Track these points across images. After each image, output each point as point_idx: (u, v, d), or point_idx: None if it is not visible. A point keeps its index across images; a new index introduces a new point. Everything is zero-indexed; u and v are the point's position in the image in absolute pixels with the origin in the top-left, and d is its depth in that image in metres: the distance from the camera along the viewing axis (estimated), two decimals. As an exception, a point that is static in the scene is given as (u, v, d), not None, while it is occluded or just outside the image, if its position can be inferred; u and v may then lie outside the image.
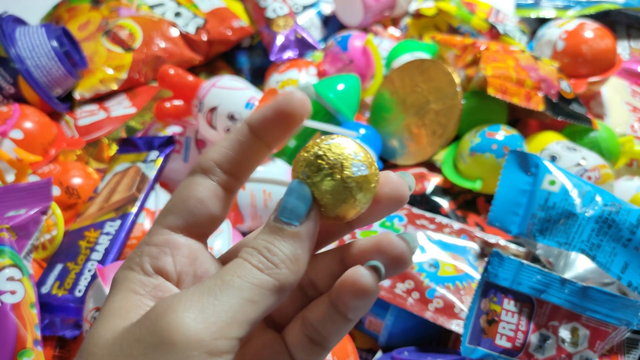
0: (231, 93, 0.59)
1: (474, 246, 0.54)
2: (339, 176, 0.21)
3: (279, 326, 0.24)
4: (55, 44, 0.68)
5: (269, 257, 0.20)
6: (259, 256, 0.20)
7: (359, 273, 0.21)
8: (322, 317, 0.22)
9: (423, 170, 0.64)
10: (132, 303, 0.21)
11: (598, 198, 0.45)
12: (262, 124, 0.23)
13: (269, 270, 0.20)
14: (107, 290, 0.41)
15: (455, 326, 0.47)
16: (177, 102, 0.64)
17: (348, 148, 0.22)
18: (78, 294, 0.49)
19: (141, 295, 0.21)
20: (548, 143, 0.60)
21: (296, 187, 0.21)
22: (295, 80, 0.72)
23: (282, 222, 0.21)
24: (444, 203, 0.60)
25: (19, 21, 0.71)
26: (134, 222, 0.54)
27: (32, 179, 0.60)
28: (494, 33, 0.79)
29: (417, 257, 0.51)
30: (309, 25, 0.87)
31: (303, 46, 0.79)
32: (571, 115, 0.61)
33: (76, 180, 0.60)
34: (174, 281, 0.22)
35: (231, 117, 0.58)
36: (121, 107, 0.72)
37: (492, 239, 0.54)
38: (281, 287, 0.20)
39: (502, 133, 0.59)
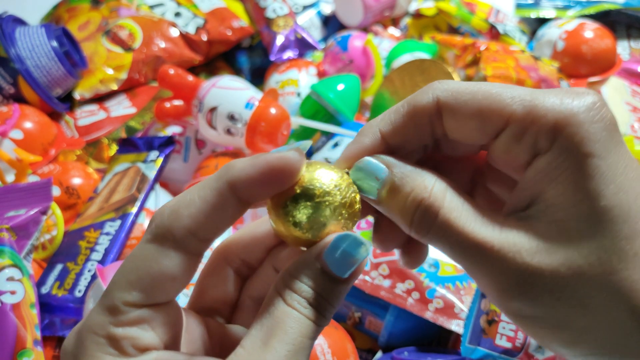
0: (231, 93, 0.59)
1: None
2: (337, 202, 0.22)
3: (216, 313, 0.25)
4: (55, 44, 0.68)
5: (320, 309, 0.21)
6: (312, 308, 0.20)
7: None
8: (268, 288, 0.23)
9: (423, 170, 0.64)
10: None
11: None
12: (247, 185, 0.20)
13: (320, 321, 0.21)
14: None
15: (455, 326, 0.47)
16: (177, 102, 0.64)
17: (328, 174, 0.22)
18: (78, 294, 0.49)
19: None
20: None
21: (352, 240, 0.21)
22: (295, 81, 0.72)
23: (336, 275, 0.21)
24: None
25: (19, 21, 0.71)
26: (133, 222, 0.54)
27: (32, 179, 0.60)
28: (494, 33, 0.79)
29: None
30: (309, 25, 0.86)
31: (303, 46, 0.79)
32: (571, 115, 0.61)
33: (76, 180, 0.60)
34: (162, 349, 0.21)
35: (231, 117, 0.58)
36: (121, 107, 0.72)
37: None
38: (322, 329, 0.21)
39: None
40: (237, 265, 0.25)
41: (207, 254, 0.36)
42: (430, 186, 0.21)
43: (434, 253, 0.52)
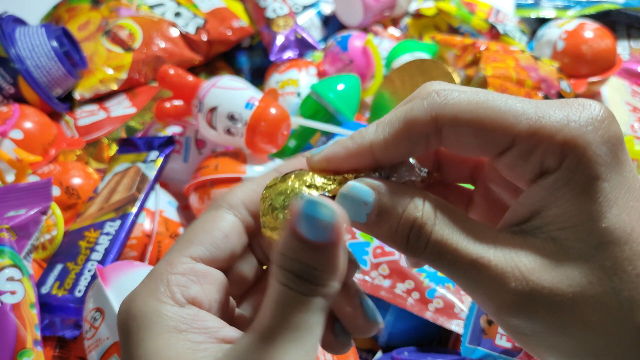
0: (231, 93, 0.59)
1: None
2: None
3: None
4: (55, 44, 0.68)
5: (316, 282, 0.20)
6: (307, 283, 0.20)
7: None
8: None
9: (423, 170, 0.64)
10: (180, 345, 0.20)
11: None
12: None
13: (320, 292, 0.20)
14: (107, 290, 0.41)
15: (455, 326, 0.47)
16: (177, 102, 0.64)
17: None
18: (78, 294, 0.49)
19: (184, 332, 0.20)
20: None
21: (324, 206, 0.19)
22: (295, 81, 0.72)
23: (314, 241, 0.19)
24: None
25: (19, 21, 0.71)
26: (133, 222, 0.54)
27: (32, 179, 0.60)
28: (494, 33, 0.79)
29: (417, 257, 0.51)
30: (309, 25, 0.87)
31: (303, 46, 0.79)
32: (571, 115, 0.61)
33: (76, 180, 0.60)
34: (207, 309, 0.22)
35: (231, 117, 0.58)
36: (121, 107, 0.72)
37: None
38: (333, 297, 0.21)
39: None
40: (246, 220, 0.24)
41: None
42: (420, 205, 0.21)
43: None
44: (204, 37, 0.78)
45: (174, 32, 0.78)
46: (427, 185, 0.25)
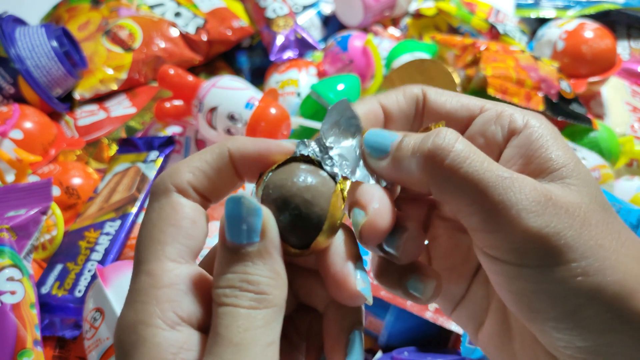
0: (231, 93, 0.59)
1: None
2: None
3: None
4: (55, 44, 0.68)
5: (255, 290, 0.18)
6: (245, 294, 0.18)
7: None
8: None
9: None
10: None
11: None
12: (243, 157, 0.21)
13: (263, 302, 0.18)
14: (107, 290, 0.41)
15: (455, 326, 0.47)
16: (177, 102, 0.64)
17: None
18: (78, 294, 0.49)
19: None
20: (548, 143, 0.60)
21: (239, 201, 0.18)
22: (295, 80, 0.72)
23: (243, 245, 0.19)
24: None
25: (19, 21, 0.71)
26: (133, 223, 0.54)
27: (32, 179, 0.60)
28: (494, 33, 0.79)
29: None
30: (309, 25, 0.86)
31: (303, 46, 0.79)
32: (571, 115, 0.61)
33: (76, 181, 0.60)
34: (196, 326, 0.19)
35: (231, 117, 0.58)
36: (121, 107, 0.72)
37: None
38: (280, 307, 0.19)
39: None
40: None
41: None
42: (444, 130, 0.21)
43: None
44: (204, 37, 0.78)
45: (174, 32, 0.78)
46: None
